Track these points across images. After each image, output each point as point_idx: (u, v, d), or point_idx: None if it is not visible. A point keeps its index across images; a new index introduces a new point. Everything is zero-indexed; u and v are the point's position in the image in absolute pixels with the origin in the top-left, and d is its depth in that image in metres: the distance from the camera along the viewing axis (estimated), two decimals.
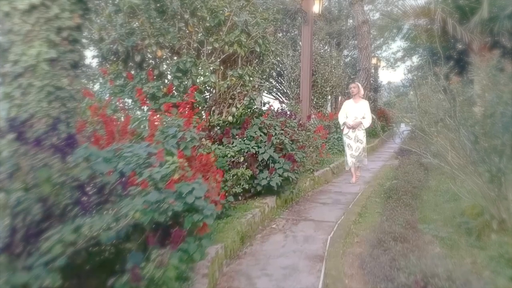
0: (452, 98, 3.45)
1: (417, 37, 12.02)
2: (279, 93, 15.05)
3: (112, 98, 3.51)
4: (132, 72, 4.33)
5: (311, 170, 6.38)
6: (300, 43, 11.60)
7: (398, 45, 31.48)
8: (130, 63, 4.29)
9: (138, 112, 4.07)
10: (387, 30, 13.91)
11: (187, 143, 2.61)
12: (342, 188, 6.62)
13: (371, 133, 12.68)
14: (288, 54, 12.35)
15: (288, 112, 6.45)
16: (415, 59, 18.57)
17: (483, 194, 3.52)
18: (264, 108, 5.82)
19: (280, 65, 12.87)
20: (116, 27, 4.02)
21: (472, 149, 3.55)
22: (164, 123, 2.66)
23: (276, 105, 11.54)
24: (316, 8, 8.70)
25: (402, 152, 10.08)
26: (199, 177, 2.61)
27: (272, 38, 4.93)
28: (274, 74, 14.42)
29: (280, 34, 14.81)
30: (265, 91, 15.03)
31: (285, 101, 13.94)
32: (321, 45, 15.44)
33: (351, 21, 18.16)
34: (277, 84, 15.04)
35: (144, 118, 2.68)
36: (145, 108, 4.06)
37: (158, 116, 2.79)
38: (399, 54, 23.31)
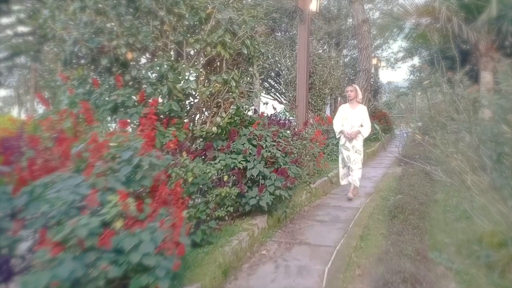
0: (470, 109, 2.91)
1: (421, 36, 11.49)
2: (277, 94, 14.55)
3: (68, 109, 2.96)
4: (106, 78, 3.80)
5: (308, 182, 5.84)
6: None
7: (399, 44, 31.02)
8: (99, 68, 3.75)
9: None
10: (388, 30, 13.38)
11: (146, 171, 2.07)
12: (341, 202, 6.07)
13: (371, 137, 12.12)
14: (285, 54, 11.80)
15: (282, 119, 5.91)
16: (418, 60, 18.06)
17: (508, 224, 2.98)
18: (262, 109, 5.26)
19: (279, 65, 12.33)
20: (80, 26, 3.47)
21: (492, 169, 3.02)
22: (116, 144, 2.11)
23: (274, 107, 11.03)
24: (313, 6, 8.16)
25: (405, 158, 9.55)
26: (160, 214, 2.07)
27: (262, 38, 4.38)
28: (273, 74, 13.91)
29: (279, 34, 14.30)
30: (263, 92, 14.58)
31: (284, 101, 13.43)
32: (320, 45, 14.88)
33: (350, 20, 17.60)
34: (275, 85, 14.53)
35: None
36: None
37: (107, 135, 2.25)
38: (400, 54, 22.80)
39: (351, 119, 6.07)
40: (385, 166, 9.92)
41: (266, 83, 14.70)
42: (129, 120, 3.14)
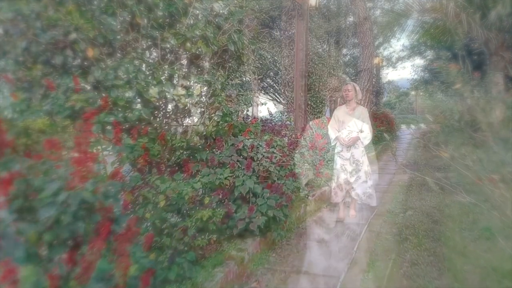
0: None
1: (426, 34, 10.90)
2: (276, 94, 13.98)
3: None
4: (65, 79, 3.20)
5: (306, 195, 5.25)
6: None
7: (401, 43, 30.43)
8: (57, 67, 3.16)
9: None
10: (390, 28, 12.78)
11: (78, 211, 1.46)
12: (344, 216, 5.45)
13: (373, 140, 11.52)
14: (283, 54, 11.19)
15: (278, 124, 5.30)
16: (420, 60, 17.48)
17: None
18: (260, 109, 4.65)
19: (277, 64, 11.75)
20: (30, 17, 2.87)
21: None
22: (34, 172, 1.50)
23: (270, 111, 10.44)
24: (312, 1, 7.55)
25: (409, 164, 8.97)
26: (100, 269, 1.47)
27: (252, 33, 3.78)
28: (271, 73, 13.33)
29: (278, 33, 13.72)
30: (261, 92, 14.02)
31: (282, 101, 12.87)
32: (319, 43, 14.28)
33: (351, 18, 16.97)
34: (274, 85, 13.96)
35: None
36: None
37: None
38: (402, 53, 22.22)
39: (349, 123, 5.14)
40: (389, 172, 9.32)
41: (264, 83, 14.14)
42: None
